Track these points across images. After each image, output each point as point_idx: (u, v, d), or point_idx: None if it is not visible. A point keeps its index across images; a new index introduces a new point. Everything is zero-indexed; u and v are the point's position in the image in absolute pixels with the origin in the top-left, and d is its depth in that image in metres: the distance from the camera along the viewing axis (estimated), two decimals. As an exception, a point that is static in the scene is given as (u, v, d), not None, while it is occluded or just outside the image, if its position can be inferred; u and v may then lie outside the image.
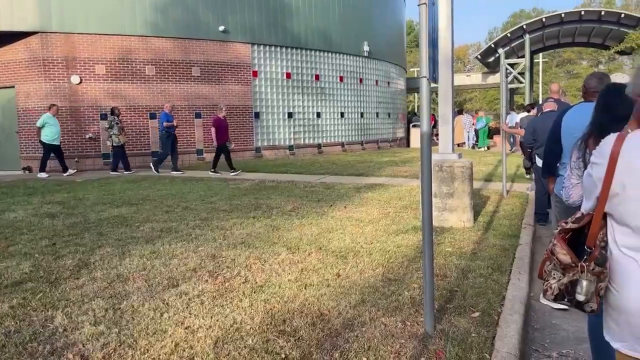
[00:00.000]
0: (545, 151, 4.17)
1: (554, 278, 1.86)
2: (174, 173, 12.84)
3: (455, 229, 6.15)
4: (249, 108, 17.49)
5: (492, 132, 24.63)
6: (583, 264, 1.75)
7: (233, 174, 12.34)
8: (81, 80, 14.41)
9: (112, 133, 13.21)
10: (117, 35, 14.81)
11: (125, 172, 13.20)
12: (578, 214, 1.87)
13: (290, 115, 18.67)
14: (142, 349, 3.02)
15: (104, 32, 14.63)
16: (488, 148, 22.11)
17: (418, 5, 2.88)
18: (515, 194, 8.96)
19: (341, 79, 20.68)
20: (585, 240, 1.81)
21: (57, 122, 12.97)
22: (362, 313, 3.52)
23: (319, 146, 19.73)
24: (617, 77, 4.35)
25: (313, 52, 19.36)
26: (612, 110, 2.57)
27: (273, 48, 18.00)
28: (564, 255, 1.80)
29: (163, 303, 3.77)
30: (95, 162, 14.67)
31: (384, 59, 23.43)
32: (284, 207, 7.71)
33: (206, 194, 9.22)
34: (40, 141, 12.80)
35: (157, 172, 13.03)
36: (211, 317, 3.47)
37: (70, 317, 3.52)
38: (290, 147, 18.63)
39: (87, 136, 14.49)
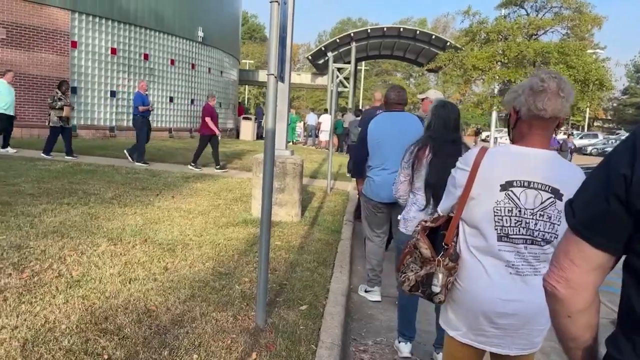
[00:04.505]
0: (354, 155, 4.54)
1: (412, 271, 2.01)
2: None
3: (284, 223, 6.33)
4: (65, 81, 15.72)
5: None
6: (440, 258, 1.94)
7: (220, 170, 11.04)
8: None
9: None
10: None
11: None
12: (435, 214, 2.06)
13: (113, 94, 17.27)
14: None
15: None
16: (292, 142, 24.60)
17: (270, 2, 2.89)
18: (338, 192, 9.56)
19: (172, 62, 19.79)
20: (439, 238, 2.00)
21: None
22: (192, 308, 3.42)
23: (143, 130, 18.58)
24: (431, 93, 4.86)
25: (143, 30, 18.16)
26: (446, 127, 2.90)
27: (97, 19, 16.44)
28: (425, 249, 1.97)
29: (-47, 302, 3.21)
30: None
31: (218, 47, 23.03)
32: (104, 194, 7.12)
33: (7, 175, 8.05)
34: None
35: (133, 160, 11.00)
36: (17, 316, 3.05)
37: None
38: (112, 129, 17.25)
39: None
